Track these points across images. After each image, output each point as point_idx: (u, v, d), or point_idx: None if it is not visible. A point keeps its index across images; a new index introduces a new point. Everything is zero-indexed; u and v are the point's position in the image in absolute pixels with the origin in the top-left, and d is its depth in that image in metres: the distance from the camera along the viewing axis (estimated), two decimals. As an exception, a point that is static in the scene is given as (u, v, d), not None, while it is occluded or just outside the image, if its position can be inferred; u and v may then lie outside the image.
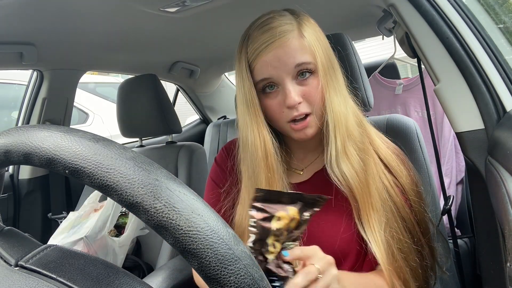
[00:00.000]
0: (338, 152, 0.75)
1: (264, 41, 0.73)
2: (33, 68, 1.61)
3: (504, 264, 0.69)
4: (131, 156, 0.33)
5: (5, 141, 0.35)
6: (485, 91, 0.76)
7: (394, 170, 0.79)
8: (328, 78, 0.75)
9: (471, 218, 1.53)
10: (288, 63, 0.72)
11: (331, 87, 0.75)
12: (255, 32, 0.75)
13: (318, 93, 0.74)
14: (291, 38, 0.73)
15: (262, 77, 0.74)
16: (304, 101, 0.74)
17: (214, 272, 0.31)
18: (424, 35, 0.81)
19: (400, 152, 0.85)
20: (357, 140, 0.76)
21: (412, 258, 0.75)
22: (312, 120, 0.76)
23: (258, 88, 0.76)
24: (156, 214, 0.31)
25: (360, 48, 1.25)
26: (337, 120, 0.75)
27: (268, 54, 0.72)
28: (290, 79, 0.73)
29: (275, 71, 0.73)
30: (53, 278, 0.35)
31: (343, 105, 0.76)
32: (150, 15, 1.16)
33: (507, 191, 0.58)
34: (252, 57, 0.74)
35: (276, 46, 0.72)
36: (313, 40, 0.75)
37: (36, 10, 1.05)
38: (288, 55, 0.72)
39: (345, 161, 0.75)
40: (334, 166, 0.75)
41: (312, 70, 0.74)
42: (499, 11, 1.09)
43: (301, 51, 0.73)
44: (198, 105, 2.54)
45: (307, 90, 0.74)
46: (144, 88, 1.56)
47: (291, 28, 0.74)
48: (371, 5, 1.37)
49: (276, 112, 0.76)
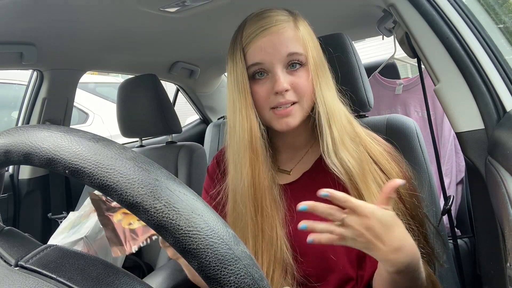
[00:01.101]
0: (336, 141, 0.75)
1: (260, 26, 0.74)
2: (33, 68, 1.61)
3: (504, 264, 0.69)
4: (131, 156, 0.33)
5: (5, 141, 0.35)
6: (485, 91, 0.76)
7: (384, 168, 0.79)
8: (320, 72, 0.77)
9: (471, 218, 1.53)
10: (281, 51, 0.74)
11: (322, 81, 0.77)
12: (252, 19, 0.77)
13: (307, 85, 0.75)
14: (286, 27, 0.75)
15: (254, 61, 0.75)
16: (292, 90, 0.75)
17: (214, 272, 0.31)
18: (424, 35, 0.81)
19: (391, 149, 0.84)
20: (351, 135, 0.77)
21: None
22: (297, 110, 0.76)
23: (249, 73, 0.77)
24: (156, 214, 0.31)
25: (360, 48, 1.25)
26: (331, 111, 0.76)
27: (262, 39, 0.74)
28: (281, 66, 0.75)
29: (268, 56, 0.74)
30: (53, 278, 0.35)
31: (336, 99, 0.78)
32: (150, 15, 1.16)
33: (507, 191, 0.58)
34: (247, 41, 0.75)
35: (271, 32, 0.74)
36: (306, 35, 0.77)
37: (36, 10, 1.05)
38: (282, 43, 0.74)
39: (344, 151, 0.75)
40: (332, 155, 0.75)
41: (303, 62, 0.76)
42: (499, 11, 1.09)
43: (295, 42, 0.75)
44: (198, 105, 2.54)
45: (296, 81, 0.75)
46: (144, 88, 1.56)
47: (287, 19, 0.76)
48: (371, 5, 1.37)
49: (262, 98, 0.76)
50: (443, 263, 0.86)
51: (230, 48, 0.79)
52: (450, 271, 1.02)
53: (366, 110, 1.11)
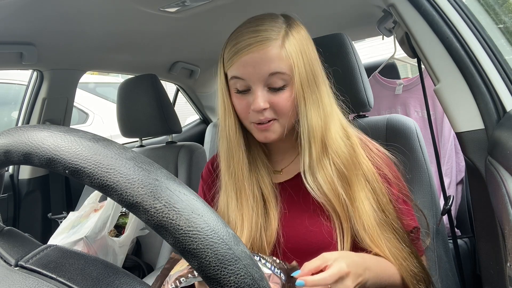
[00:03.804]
0: (313, 162, 0.77)
1: (245, 42, 0.74)
2: (33, 68, 1.61)
3: (504, 264, 0.69)
4: (131, 156, 0.33)
5: (5, 141, 0.35)
6: (485, 91, 0.76)
7: (374, 188, 0.79)
8: (307, 91, 0.75)
9: (471, 218, 1.53)
10: (262, 70, 0.73)
11: (309, 100, 0.76)
12: (243, 30, 0.76)
13: (288, 104, 0.75)
14: (270, 46, 0.73)
15: (235, 74, 0.76)
16: (270, 108, 0.75)
17: (214, 272, 0.31)
18: (424, 35, 0.81)
19: (390, 161, 0.84)
20: (340, 154, 0.78)
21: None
22: (276, 127, 0.77)
23: (232, 83, 0.78)
24: (156, 214, 0.31)
25: (360, 48, 1.25)
26: (313, 132, 0.76)
27: (246, 56, 0.73)
28: (261, 85, 0.75)
29: (249, 74, 0.74)
30: (53, 278, 0.35)
31: (321, 119, 0.77)
32: (150, 15, 1.16)
33: (507, 191, 0.58)
34: (232, 53, 0.75)
35: (254, 50, 0.73)
36: (294, 53, 0.74)
37: (36, 11, 1.05)
38: (264, 62, 0.73)
39: (321, 172, 0.76)
40: (308, 175, 0.77)
41: (287, 82, 0.75)
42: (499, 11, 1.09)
43: (278, 61, 0.73)
44: (198, 105, 2.54)
45: (275, 100, 0.75)
46: (144, 88, 1.56)
47: (275, 36, 0.74)
48: (371, 5, 1.37)
49: (243, 111, 0.78)
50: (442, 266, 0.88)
51: (220, 54, 0.80)
52: (450, 271, 1.02)
53: (366, 110, 1.11)
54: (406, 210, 0.82)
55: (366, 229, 0.75)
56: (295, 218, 0.80)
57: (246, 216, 0.79)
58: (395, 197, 0.81)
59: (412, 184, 1.02)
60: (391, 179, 0.81)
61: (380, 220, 0.76)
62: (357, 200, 0.76)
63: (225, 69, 0.78)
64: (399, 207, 0.80)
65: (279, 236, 0.79)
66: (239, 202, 0.81)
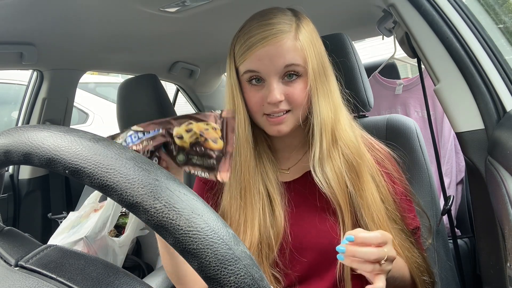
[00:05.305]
0: (323, 154, 0.76)
1: (259, 35, 0.74)
2: (33, 68, 1.61)
3: (504, 264, 0.69)
4: (131, 156, 0.33)
5: (5, 141, 0.35)
6: (485, 91, 0.76)
7: (375, 180, 0.80)
8: (318, 83, 0.76)
9: (471, 218, 1.53)
10: (278, 62, 0.73)
11: (320, 92, 0.76)
12: (254, 24, 0.76)
13: (302, 96, 0.76)
14: (285, 39, 0.73)
15: (250, 68, 0.76)
16: (285, 100, 0.75)
17: (214, 272, 0.31)
18: (424, 35, 0.81)
19: (392, 158, 0.85)
20: (349, 145, 0.77)
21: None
22: (290, 118, 0.77)
23: (245, 77, 0.77)
24: (156, 214, 0.31)
25: (360, 48, 1.25)
26: (324, 124, 0.76)
27: (261, 50, 0.73)
28: (277, 77, 0.75)
29: (264, 66, 0.74)
30: (53, 278, 0.35)
31: (331, 111, 0.77)
32: (150, 15, 1.16)
33: (507, 191, 0.58)
34: (245, 48, 0.75)
35: (269, 43, 0.73)
36: (307, 44, 0.75)
37: (36, 11, 1.05)
38: (279, 55, 0.73)
39: (330, 164, 0.76)
40: (317, 169, 0.77)
41: (301, 73, 0.75)
42: (499, 11, 1.09)
43: (293, 53, 0.74)
44: (198, 105, 2.54)
45: (291, 91, 0.75)
46: (144, 88, 1.56)
47: (288, 28, 0.74)
48: (371, 5, 1.37)
49: (257, 104, 0.77)
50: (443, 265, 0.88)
51: (229, 50, 0.80)
52: (450, 271, 1.02)
53: (366, 110, 1.11)
54: (408, 208, 0.82)
55: (375, 221, 0.75)
56: (303, 217, 0.80)
57: (251, 215, 0.79)
58: (399, 193, 0.81)
59: (412, 184, 1.01)
60: (394, 175, 0.82)
61: (385, 211, 0.77)
62: (366, 191, 0.76)
63: (236, 64, 0.78)
64: (402, 205, 0.81)
65: (287, 235, 0.78)
66: (243, 200, 0.80)
